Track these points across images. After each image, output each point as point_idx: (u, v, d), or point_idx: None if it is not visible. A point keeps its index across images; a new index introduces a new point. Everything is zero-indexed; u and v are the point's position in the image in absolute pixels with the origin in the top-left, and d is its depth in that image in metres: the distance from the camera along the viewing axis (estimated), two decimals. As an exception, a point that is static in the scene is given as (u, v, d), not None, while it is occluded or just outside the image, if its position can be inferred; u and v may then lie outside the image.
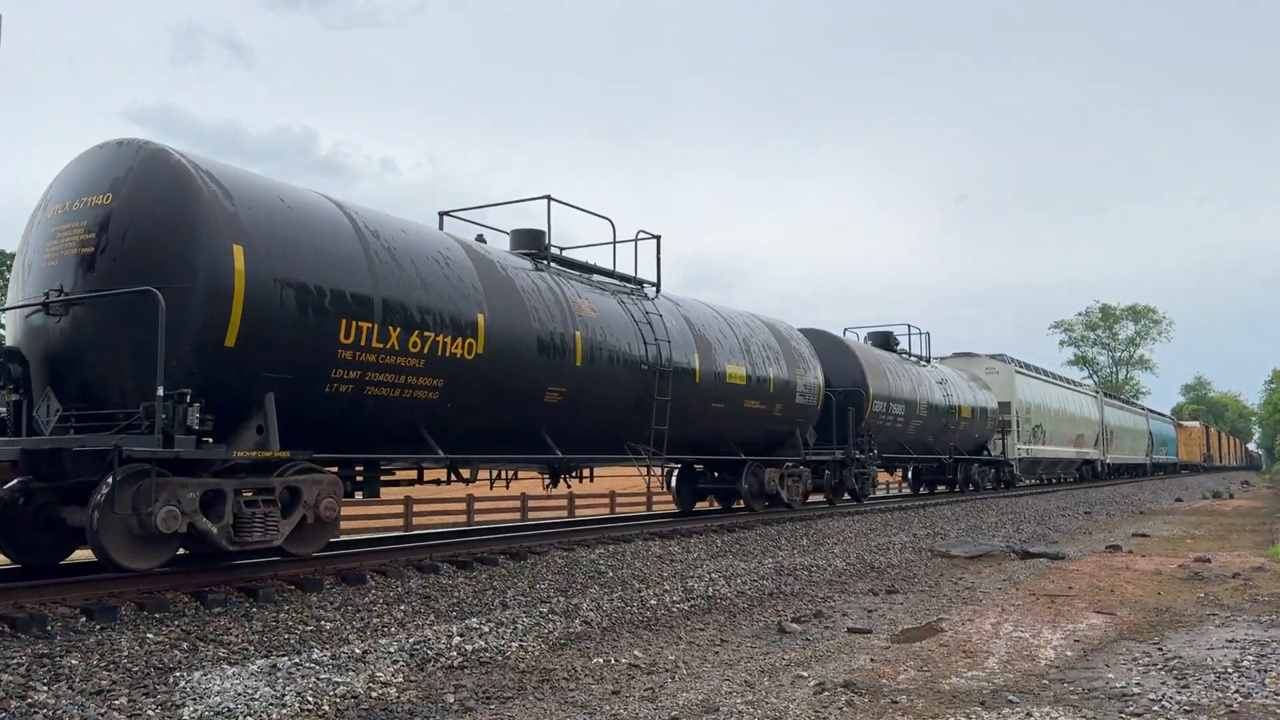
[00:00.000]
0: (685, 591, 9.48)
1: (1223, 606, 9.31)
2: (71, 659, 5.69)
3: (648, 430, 12.31)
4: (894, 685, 6.15)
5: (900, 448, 21.25)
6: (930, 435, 22.53)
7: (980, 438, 26.06)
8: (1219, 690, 5.92)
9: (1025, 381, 31.20)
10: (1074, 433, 36.49)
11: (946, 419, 23.18)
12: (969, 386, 25.31)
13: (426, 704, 5.67)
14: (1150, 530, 18.85)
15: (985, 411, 25.73)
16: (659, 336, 12.50)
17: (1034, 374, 33.32)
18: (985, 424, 25.82)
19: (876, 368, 19.69)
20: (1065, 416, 35.45)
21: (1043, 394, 32.87)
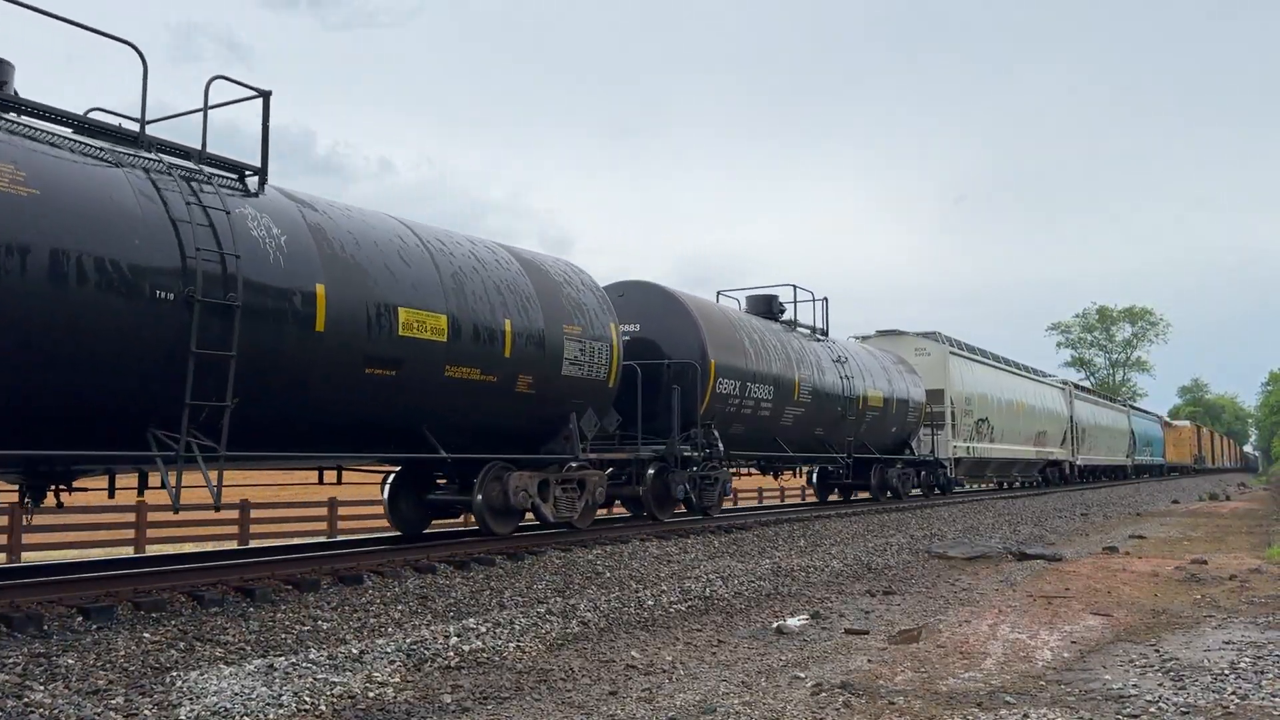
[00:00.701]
0: (682, 592, 9.48)
1: (1219, 608, 9.32)
2: (68, 658, 5.68)
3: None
4: (891, 686, 6.15)
5: (772, 443, 16.34)
6: (821, 428, 17.77)
7: (900, 433, 21.36)
8: (1216, 692, 5.93)
9: (965, 366, 26.53)
10: (1033, 429, 31.90)
11: (844, 408, 18.29)
12: (885, 370, 20.79)
13: (423, 704, 5.67)
14: (1147, 532, 18.87)
15: (906, 402, 21.11)
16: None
17: (978, 358, 28.32)
18: (906, 416, 21.27)
19: (726, 335, 14.72)
20: (1022, 411, 30.85)
21: (991, 383, 28.20)
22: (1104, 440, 43.17)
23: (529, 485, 10.93)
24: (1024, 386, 31.97)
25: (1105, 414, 44.96)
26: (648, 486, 13.62)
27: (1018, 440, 30.21)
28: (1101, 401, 46.24)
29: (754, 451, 16.09)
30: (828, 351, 18.46)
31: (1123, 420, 48.91)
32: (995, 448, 27.87)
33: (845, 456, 18.51)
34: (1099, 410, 43.74)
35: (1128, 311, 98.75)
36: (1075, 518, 22.31)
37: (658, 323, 14.20)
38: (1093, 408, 42.31)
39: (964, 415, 25.45)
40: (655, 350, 14.07)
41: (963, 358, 26.73)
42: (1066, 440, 36.16)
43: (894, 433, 21.12)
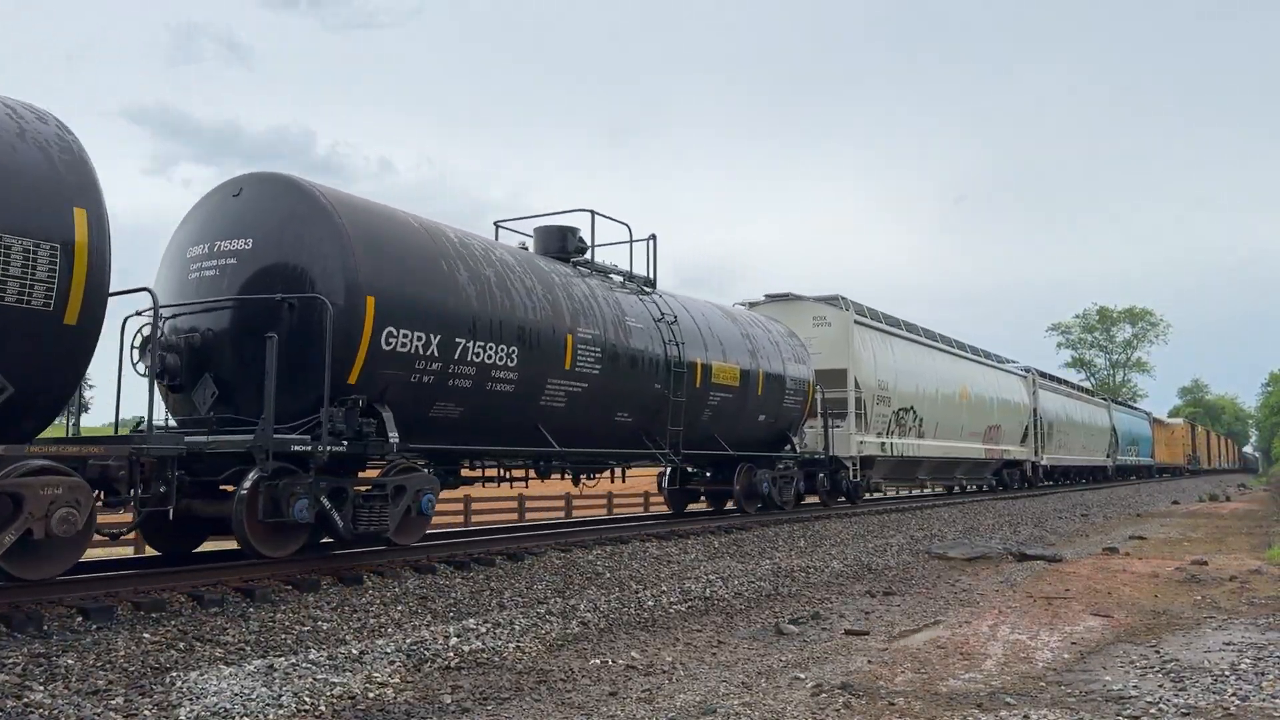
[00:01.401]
0: (682, 593, 9.48)
1: (1220, 609, 9.32)
2: (68, 659, 5.67)
3: None
4: (891, 687, 6.15)
5: (531, 433, 10.81)
6: (627, 413, 12.21)
7: (774, 423, 15.81)
8: (1216, 693, 5.92)
9: (879, 342, 20.99)
10: (982, 423, 26.36)
11: (669, 386, 12.79)
12: (749, 339, 15.26)
13: (423, 705, 5.67)
14: (1147, 533, 18.86)
15: (780, 381, 15.69)
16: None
17: (901, 333, 22.71)
18: (783, 401, 15.80)
19: (410, 259, 9.37)
20: (967, 401, 25.28)
21: (919, 365, 22.79)
22: (1078, 438, 37.85)
23: None
24: (969, 372, 26.18)
25: (1080, 408, 39.39)
26: (242, 503, 7.95)
27: (959, 436, 24.68)
28: (1075, 393, 40.41)
29: (482, 444, 10.50)
30: (645, 307, 12.87)
31: (1102, 415, 43.76)
32: (927, 444, 22.53)
33: (668, 452, 12.92)
34: (1071, 403, 38.19)
35: (1128, 312, 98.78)
36: (1075, 518, 22.30)
37: (282, 236, 8.82)
38: (1063, 400, 36.88)
39: (878, 403, 20.15)
40: (279, 279, 8.65)
41: (877, 331, 21.09)
42: (1029, 437, 30.96)
43: (763, 423, 15.55)
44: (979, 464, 27.20)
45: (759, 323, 16.39)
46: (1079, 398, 40.50)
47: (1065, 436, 35.78)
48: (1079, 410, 38.94)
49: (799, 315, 19.45)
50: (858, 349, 19.86)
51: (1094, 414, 41.93)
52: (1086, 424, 39.67)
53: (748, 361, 15.02)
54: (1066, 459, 35.92)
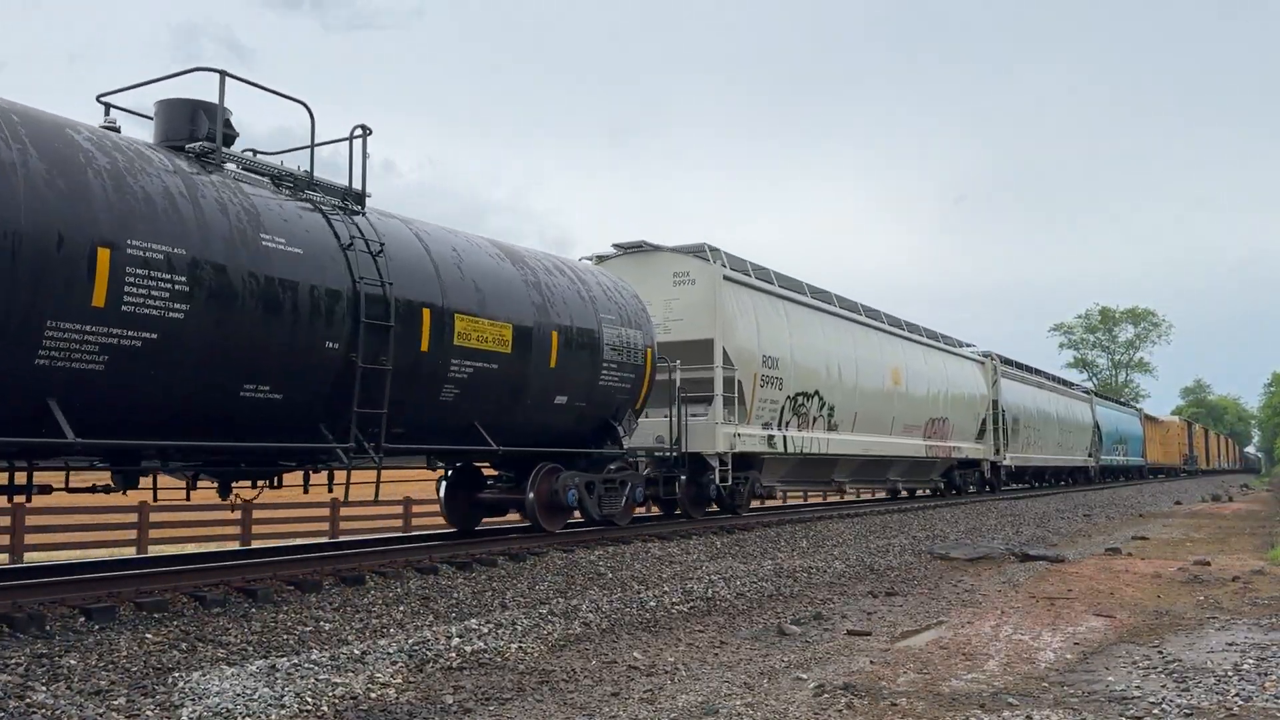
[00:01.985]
0: (684, 593, 9.48)
1: (1222, 610, 9.31)
2: (70, 659, 5.68)
3: None
4: (893, 687, 6.14)
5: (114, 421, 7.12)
6: (275, 385, 8.09)
7: (589, 408, 11.64)
8: (1219, 693, 5.92)
9: (760, 306, 15.82)
10: (921, 415, 21.89)
11: (356, 342, 8.59)
12: (546, 291, 11.14)
13: (425, 705, 5.67)
14: (1149, 533, 18.84)
15: (595, 349, 11.58)
16: None
17: (789, 295, 17.13)
18: (598, 378, 11.59)
19: None
20: (899, 389, 20.77)
21: (824, 339, 17.73)
22: (1051, 435, 33.37)
23: None
24: (903, 353, 21.55)
25: (1055, 401, 34.77)
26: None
27: (888, 429, 20.25)
28: (1050, 384, 35.59)
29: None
30: (315, 222, 8.65)
31: (1082, 410, 39.17)
32: (841, 439, 18.00)
33: (357, 447, 8.70)
34: (1044, 396, 33.68)
35: (1130, 312, 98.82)
36: (1078, 519, 22.29)
37: None
38: (1034, 392, 32.43)
39: (764, 385, 15.34)
40: None
41: (761, 293, 16.09)
42: (987, 433, 26.45)
43: (564, 406, 11.14)
44: (920, 464, 22.50)
45: (570, 272, 11.80)
46: (1055, 389, 35.99)
47: (1035, 433, 31.34)
48: (1054, 403, 34.44)
49: (657, 271, 15.01)
50: (731, 313, 14.78)
51: (1072, 408, 37.36)
52: (1063, 419, 35.25)
53: (531, 317, 10.52)
54: (1037, 458, 31.47)
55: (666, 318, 14.61)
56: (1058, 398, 35.51)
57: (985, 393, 26.72)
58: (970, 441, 25.44)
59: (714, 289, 14.74)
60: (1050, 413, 33.59)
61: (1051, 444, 33.45)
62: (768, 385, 15.66)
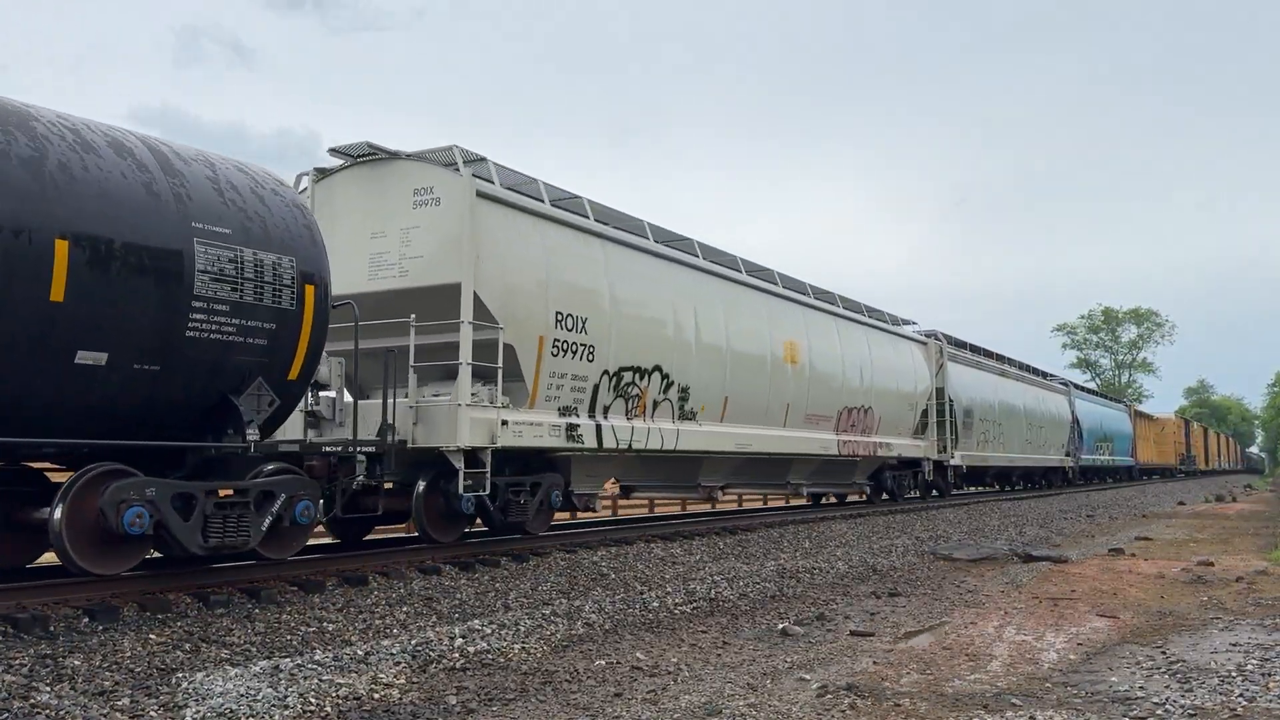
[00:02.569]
0: (687, 594, 9.48)
1: (1226, 610, 9.30)
2: (74, 660, 5.69)
3: None
4: (896, 688, 6.14)
5: None
6: None
7: (169, 377, 7.18)
8: (1222, 694, 5.91)
9: (545, 240, 11.23)
10: (831, 404, 17.58)
11: None
12: (44, 174, 6.41)
13: (429, 705, 5.67)
14: (1153, 533, 18.83)
15: (172, 280, 7.06)
16: None
17: (601, 231, 12.33)
18: (176, 329, 7.12)
19: None
20: (794, 369, 16.19)
21: (665, 297, 13.18)
22: (1016, 430, 29.29)
23: None
24: (803, 324, 16.86)
25: (1022, 392, 30.54)
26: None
27: (776, 419, 15.74)
28: (1014, 372, 31.03)
29: None
30: None
31: (1057, 404, 34.72)
32: (697, 432, 13.60)
33: None
34: (1008, 385, 29.20)
35: (1133, 312, 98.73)
36: (1081, 519, 22.28)
37: None
38: (993, 380, 27.92)
39: (560, 354, 11.13)
40: None
41: (550, 223, 11.41)
42: (930, 426, 22.48)
43: (96, 372, 6.78)
44: (833, 464, 18.41)
45: (152, 155, 7.37)
46: (1022, 379, 31.58)
47: (996, 429, 27.12)
48: (1021, 395, 30.21)
49: (396, 190, 10.59)
50: (493, 248, 10.31)
51: (1044, 401, 32.98)
52: (1032, 413, 31.03)
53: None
54: (997, 457, 27.24)
55: (403, 256, 10.37)
56: (1026, 388, 31.42)
57: (927, 380, 22.44)
58: (906, 437, 21.34)
59: (464, 211, 10.07)
60: (1016, 405, 29.57)
61: (1017, 441, 29.46)
62: (566, 355, 11.17)
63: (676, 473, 14.41)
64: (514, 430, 10.44)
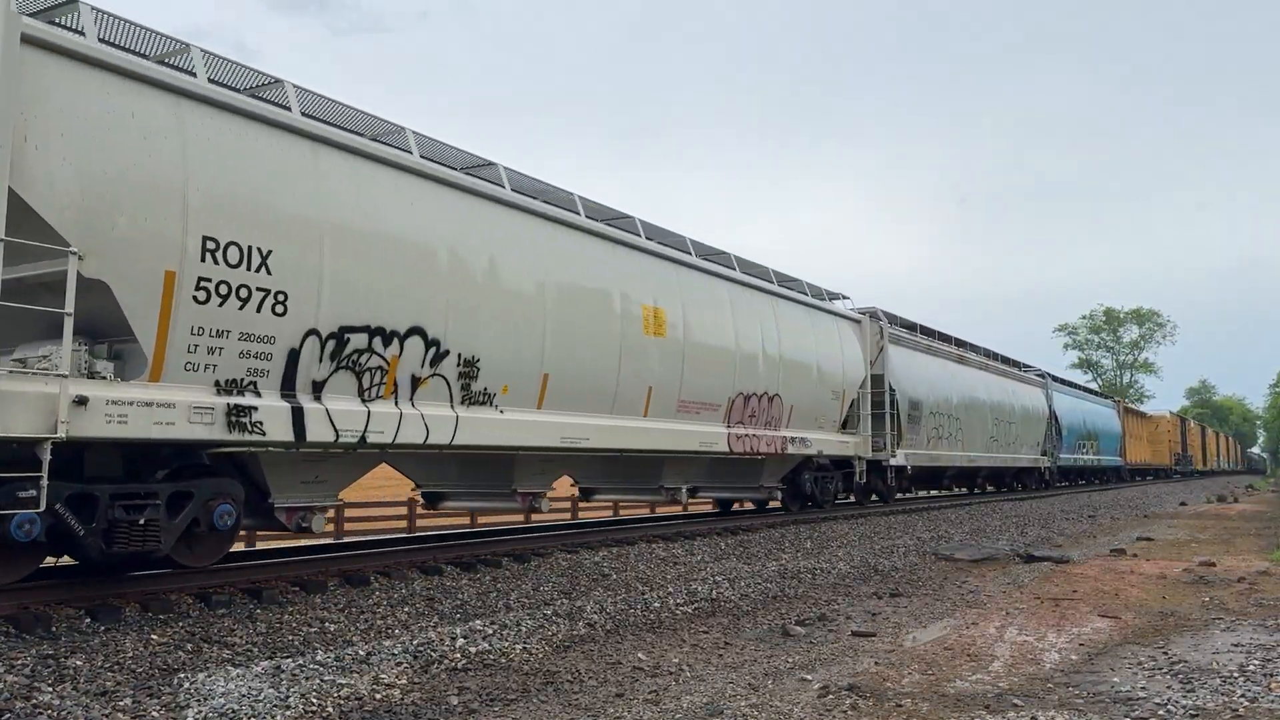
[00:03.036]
0: (689, 594, 9.48)
1: (1228, 611, 9.29)
2: (76, 660, 5.69)
3: None
4: (898, 688, 6.14)
5: None
6: None
7: None
8: (1224, 694, 5.91)
9: (155, 113, 7.09)
10: (721, 388, 14.09)
11: None
12: None
13: (430, 706, 5.67)
14: (1154, 534, 18.81)
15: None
16: None
17: (302, 126, 8.16)
18: None
19: None
20: (669, 346, 12.83)
21: (429, 229, 9.28)
22: (979, 426, 25.37)
23: None
24: (676, 286, 13.33)
25: (985, 383, 26.60)
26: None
27: (633, 407, 12.33)
28: (975, 360, 27.01)
29: None
30: None
31: (1032, 398, 31.20)
32: (494, 420, 10.04)
33: None
34: (968, 374, 25.58)
35: (1135, 313, 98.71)
36: (1083, 520, 22.27)
37: None
38: (951, 369, 24.36)
39: (228, 302, 7.53)
40: None
41: (187, 100, 7.36)
42: (863, 419, 18.74)
43: None
44: (727, 463, 15.11)
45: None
46: (988, 368, 27.50)
47: (953, 424, 23.41)
48: (985, 387, 26.18)
49: None
50: (47, 119, 6.58)
51: (1015, 394, 29.18)
52: (1000, 408, 27.07)
53: None
54: (954, 456, 23.57)
55: None
56: (992, 379, 27.30)
57: (860, 366, 18.77)
58: (832, 433, 17.79)
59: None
60: (979, 398, 25.53)
61: (980, 438, 25.55)
62: (230, 303, 7.56)
63: (483, 475, 11.27)
64: (112, 413, 6.83)
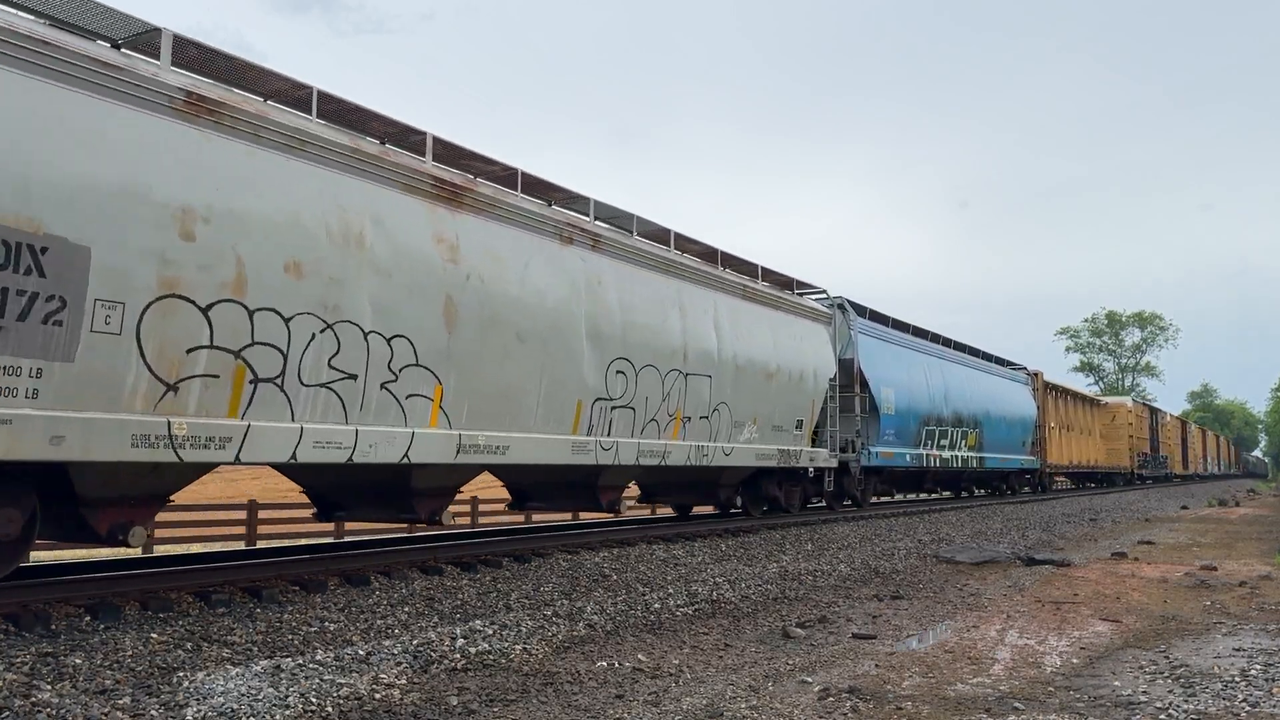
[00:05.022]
0: (689, 595, 9.46)
1: (1229, 615, 9.27)
2: (75, 658, 5.68)
3: None
4: (898, 691, 6.12)
5: None
6: None
7: None
8: (1226, 699, 5.89)
9: None
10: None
11: None
12: None
13: (430, 706, 5.66)
14: (1156, 538, 18.78)
15: None
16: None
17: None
18: None
19: None
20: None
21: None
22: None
23: None
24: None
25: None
26: None
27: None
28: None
29: None
30: None
31: (798, 337, 15.81)
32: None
33: None
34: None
35: (1137, 316, 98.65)
36: (1084, 523, 22.24)
37: None
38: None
39: None
40: None
41: None
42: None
43: None
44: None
45: None
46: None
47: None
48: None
49: None
50: None
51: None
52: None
53: None
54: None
55: None
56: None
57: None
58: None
59: None
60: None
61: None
62: None
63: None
64: None
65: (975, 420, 24.90)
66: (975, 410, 25.01)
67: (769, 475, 15.94)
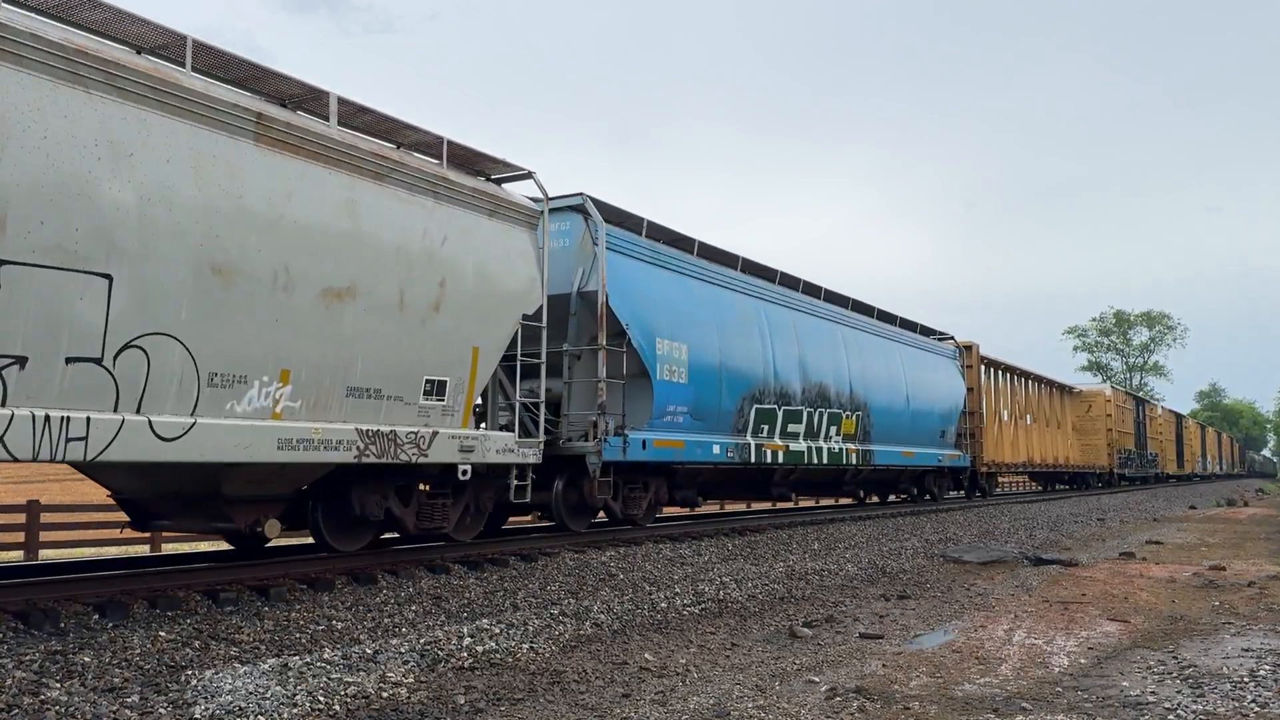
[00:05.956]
0: (696, 595, 9.46)
1: (1238, 615, 9.24)
2: (84, 656, 5.70)
3: None
4: (906, 691, 6.11)
5: None
6: None
7: None
8: (1235, 700, 5.87)
9: None
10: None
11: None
12: None
13: (437, 705, 5.67)
14: (1164, 538, 18.73)
15: None
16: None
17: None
18: None
19: None
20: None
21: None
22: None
23: None
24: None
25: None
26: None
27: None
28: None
29: None
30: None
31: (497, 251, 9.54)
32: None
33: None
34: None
35: (1145, 315, 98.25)
36: (1092, 523, 22.18)
37: None
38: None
39: None
40: None
41: None
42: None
43: None
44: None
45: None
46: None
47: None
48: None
49: None
50: None
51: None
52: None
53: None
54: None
55: None
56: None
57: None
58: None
59: None
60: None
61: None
62: None
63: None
64: None
65: (856, 401, 18.00)
66: (856, 387, 18.00)
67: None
